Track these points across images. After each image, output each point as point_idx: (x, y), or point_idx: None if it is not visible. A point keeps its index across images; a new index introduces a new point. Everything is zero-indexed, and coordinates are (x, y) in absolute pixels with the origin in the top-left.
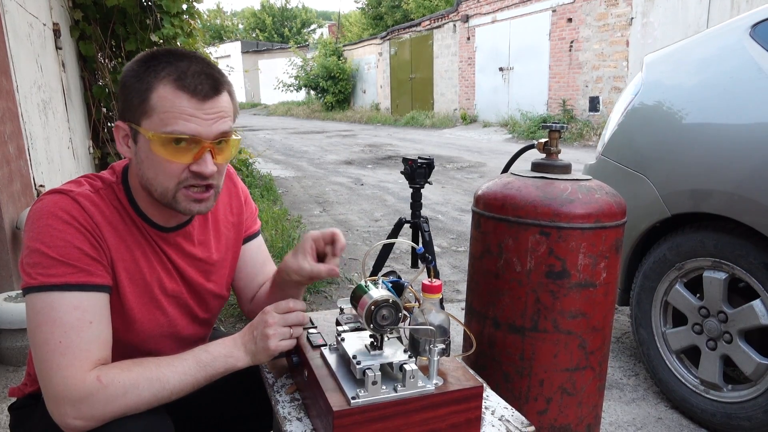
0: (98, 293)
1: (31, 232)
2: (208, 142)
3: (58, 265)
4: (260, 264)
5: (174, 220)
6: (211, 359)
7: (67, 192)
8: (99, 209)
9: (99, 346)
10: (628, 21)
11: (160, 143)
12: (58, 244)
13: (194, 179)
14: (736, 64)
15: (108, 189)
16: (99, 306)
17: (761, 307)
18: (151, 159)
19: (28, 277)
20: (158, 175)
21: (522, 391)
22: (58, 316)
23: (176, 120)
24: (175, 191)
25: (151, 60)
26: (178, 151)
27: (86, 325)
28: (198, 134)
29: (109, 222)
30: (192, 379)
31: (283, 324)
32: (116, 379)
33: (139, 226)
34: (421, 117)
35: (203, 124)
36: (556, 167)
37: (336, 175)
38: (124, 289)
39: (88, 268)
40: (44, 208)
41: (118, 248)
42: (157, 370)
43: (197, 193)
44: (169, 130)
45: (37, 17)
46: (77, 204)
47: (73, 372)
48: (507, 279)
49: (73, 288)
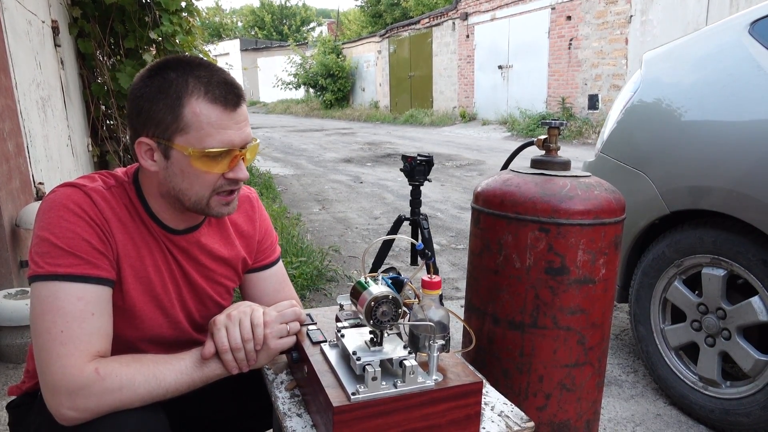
0: (102, 286)
1: (42, 222)
2: (239, 149)
3: (66, 255)
4: (273, 291)
5: (184, 224)
6: (209, 360)
7: (80, 186)
8: (110, 205)
9: (99, 338)
10: (627, 19)
11: (198, 158)
12: (66, 235)
13: (228, 185)
14: (734, 61)
15: (120, 188)
16: (102, 299)
17: (760, 303)
18: (189, 172)
19: (35, 266)
20: (194, 185)
21: (521, 387)
22: (62, 306)
23: (213, 134)
24: (209, 198)
25: (167, 72)
26: (214, 163)
27: (88, 317)
28: (233, 144)
29: (119, 218)
30: (188, 378)
31: (280, 321)
32: (114, 373)
33: (148, 226)
34: (420, 115)
35: (236, 133)
36: (555, 164)
37: (335, 173)
38: (128, 286)
39: (95, 261)
40: (56, 199)
41: (125, 245)
42: (155, 368)
43: (226, 197)
44: (207, 145)
45: (36, 14)
46: (89, 198)
47: (72, 362)
48: (506, 275)
49: (78, 279)
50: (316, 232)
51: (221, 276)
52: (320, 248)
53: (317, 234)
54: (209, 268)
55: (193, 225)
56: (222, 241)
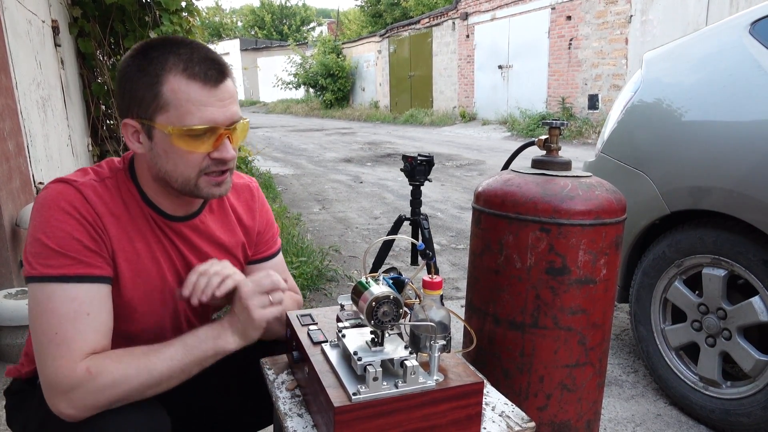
0: (96, 284)
1: (34, 221)
2: (225, 128)
3: (57, 256)
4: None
5: (182, 210)
6: (198, 341)
7: (72, 182)
8: (102, 200)
9: (95, 337)
10: (627, 19)
11: (179, 137)
12: (57, 235)
13: (215, 166)
14: (735, 61)
15: (113, 178)
16: (97, 297)
17: (760, 303)
18: (171, 152)
19: (29, 266)
20: (178, 166)
21: (522, 387)
22: (55, 307)
23: (194, 112)
24: (196, 179)
25: (149, 51)
26: (198, 142)
27: (82, 317)
28: (215, 121)
29: (113, 212)
30: (179, 363)
31: (258, 291)
32: (106, 370)
33: (146, 214)
34: (420, 115)
35: (218, 110)
36: (556, 164)
37: (335, 173)
38: (125, 282)
39: (87, 260)
40: (48, 197)
41: (119, 239)
42: (145, 358)
43: (216, 177)
44: (188, 122)
45: (36, 14)
46: (80, 194)
47: (64, 362)
48: (507, 275)
49: (71, 279)
50: (316, 231)
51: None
52: (320, 248)
53: (317, 234)
54: (210, 255)
55: (192, 211)
56: (223, 227)
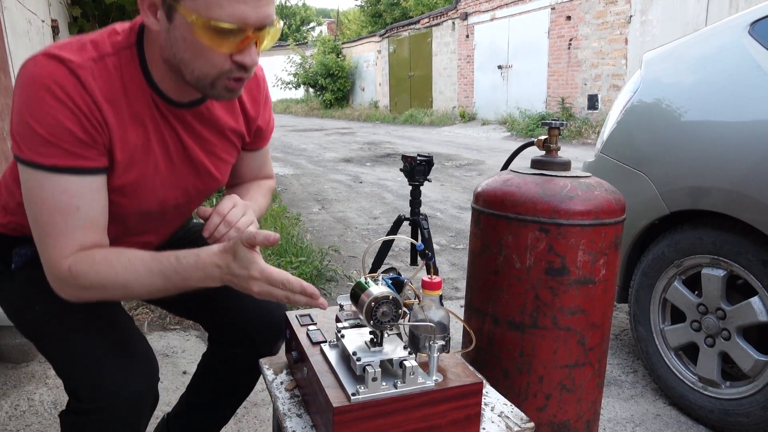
0: (89, 177)
1: (22, 98)
2: (253, 30)
3: (48, 145)
4: (257, 168)
5: (187, 96)
6: (181, 279)
7: (67, 62)
8: (99, 84)
9: (85, 231)
10: (627, 19)
11: (202, 28)
12: (48, 122)
13: (237, 71)
14: (734, 61)
15: (116, 57)
16: (90, 189)
17: (759, 304)
18: (191, 42)
19: (17, 147)
20: (197, 60)
21: (521, 388)
22: (47, 197)
23: (224, 4)
24: (214, 79)
25: None
26: (221, 39)
27: (73, 211)
28: (245, 21)
29: (111, 99)
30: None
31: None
32: (85, 275)
33: (147, 98)
34: (420, 115)
35: (252, 9)
36: (555, 164)
37: (335, 173)
38: (117, 168)
39: (79, 152)
40: (38, 75)
41: (118, 126)
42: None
43: (232, 82)
44: (215, 15)
45: (36, 14)
46: (76, 79)
47: (54, 255)
48: (506, 276)
49: (62, 170)
50: (315, 231)
51: (222, 150)
52: (320, 248)
53: (317, 234)
54: (211, 141)
55: (196, 99)
56: (228, 114)
